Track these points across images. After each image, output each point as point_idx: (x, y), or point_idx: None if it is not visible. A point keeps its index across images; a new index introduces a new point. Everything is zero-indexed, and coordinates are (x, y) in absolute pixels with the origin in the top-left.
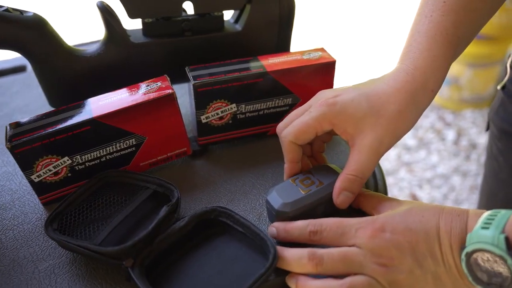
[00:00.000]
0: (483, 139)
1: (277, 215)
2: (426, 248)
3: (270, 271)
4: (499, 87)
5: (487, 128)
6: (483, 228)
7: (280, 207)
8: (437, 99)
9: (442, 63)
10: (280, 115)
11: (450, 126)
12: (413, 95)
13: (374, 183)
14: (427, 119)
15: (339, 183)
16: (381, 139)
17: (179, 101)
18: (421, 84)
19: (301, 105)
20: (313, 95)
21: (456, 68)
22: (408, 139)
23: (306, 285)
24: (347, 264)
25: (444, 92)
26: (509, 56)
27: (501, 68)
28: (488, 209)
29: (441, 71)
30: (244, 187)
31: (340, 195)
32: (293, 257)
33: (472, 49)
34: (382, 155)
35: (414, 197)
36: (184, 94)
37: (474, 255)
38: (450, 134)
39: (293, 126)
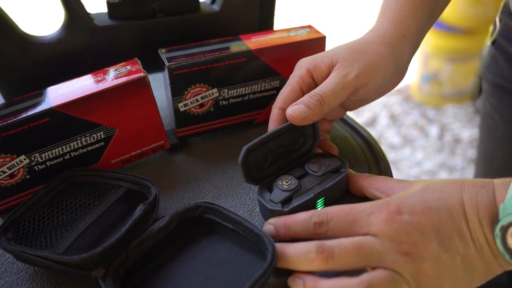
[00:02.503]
0: (467, 133)
1: (273, 215)
2: (452, 227)
3: (269, 272)
4: (489, 42)
5: (480, 91)
6: None
7: (275, 204)
8: (418, 96)
9: (418, 12)
10: (267, 101)
11: (432, 122)
12: (390, 44)
13: (378, 170)
14: (409, 116)
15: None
16: (350, 66)
17: (154, 94)
18: (398, 32)
19: None
20: None
21: (435, 64)
22: (392, 137)
23: (317, 287)
24: (363, 256)
25: (425, 88)
26: (499, 10)
27: (480, 61)
28: (486, 172)
29: (419, 19)
30: (231, 181)
31: (293, 106)
32: (297, 253)
33: (450, 43)
34: (352, 84)
35: None
36: (159, 87)
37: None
38: (433, 130)
39: (279, 95)
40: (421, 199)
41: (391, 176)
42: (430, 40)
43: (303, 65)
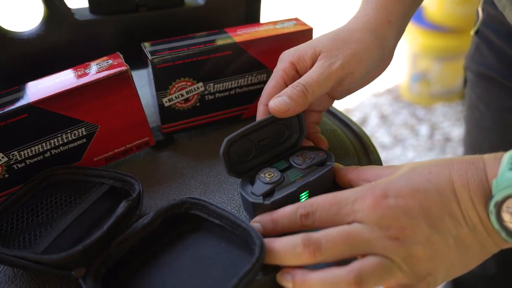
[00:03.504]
0: (456, 132)
1: (254, 208)
2: (442, 208)
3: (257, 267)
4: (472, 33)
5: (465, 82)
6: (511, 169)
7: (256, 197)
8: (407, 96)
9: None
10: (254, 95)
11: (422, 121)
12: (375, 31)
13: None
14: (399, 116)
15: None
16: (334, 55)
17: (138, 92)
18: (382, 18)
19: None
20: None
21: (424, 63)
22: (383, 137)
23: (306, 281)
24: (351, 245)
25: (414, 88)
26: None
27: None
28: None
29: (402, 4)
30: (218, 177)
31: (275, 98)
32: (284, 247)
33: (438, 42)
34: (337, 74)
35: None
36: (144, 84)
37: (506, 204)
38: (424, 129)
39: (264, 91)
40: (408, 182)
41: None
42: (419, 40)
43: (286, 58)
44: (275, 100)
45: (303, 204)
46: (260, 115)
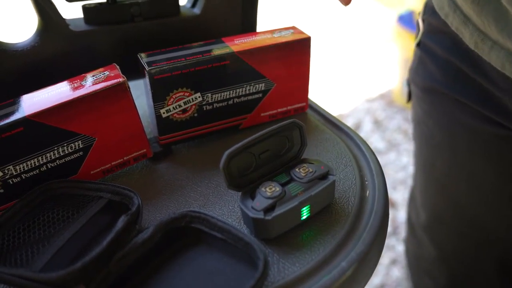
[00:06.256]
0: None
1: (255, 223)
2: None
3: (261, 283)
4: (414, 45)
5: (409, 97)
6: None
7: (257, 212)
8: (401, 100)
9: None
10: (252, 104)
11: None
12: None
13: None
14: (393, 120)
15: None
16: None
17: (135, 102)
18: None
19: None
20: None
21: None
22: (377, 142)
23: None
24: None
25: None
26: (419, 13)
27: None
28: (427, 183)
29: None
30: (218, 188)
31: None
32: None
33: None
34: None
35: (390, 199)
36: (140, 95)
37: None
38: None
39: None
40: None
41: (383, 178)
42: (411, 44)
43: None
44: None
45: None
46: None
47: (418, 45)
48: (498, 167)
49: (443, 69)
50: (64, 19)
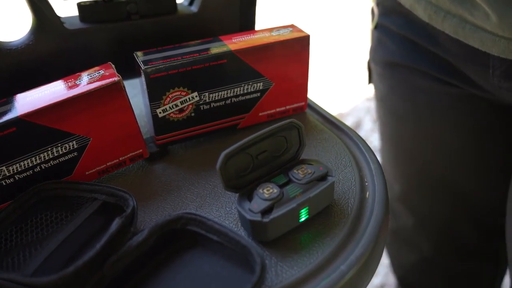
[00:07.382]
0: None
1: (252, 226)
2: None
3: (258, 286)
4: (371, 28)
5: (370, 77)
6: None
7: (254, 215)
8: None
9: None
10: (250, 104)
11: None
12: None
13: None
14: None
15: None
16: None
17: (131, 101)
18: None
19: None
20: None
21: None
22: (376, 141)
23: None
24: None
25: None
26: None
27: None
28: (397, 155)
29: None
30: (215, 190)
31: None
32: None
33: None
34: None
35: None
36: (137, 94)
37: None
38: None
39: None
40: None
41: (384, 179)
42: None
43: None
44: None
45: None
46: None
47: (376, 28)
48: (456, 126)
49: (400, 44)
50: (58, 17)
